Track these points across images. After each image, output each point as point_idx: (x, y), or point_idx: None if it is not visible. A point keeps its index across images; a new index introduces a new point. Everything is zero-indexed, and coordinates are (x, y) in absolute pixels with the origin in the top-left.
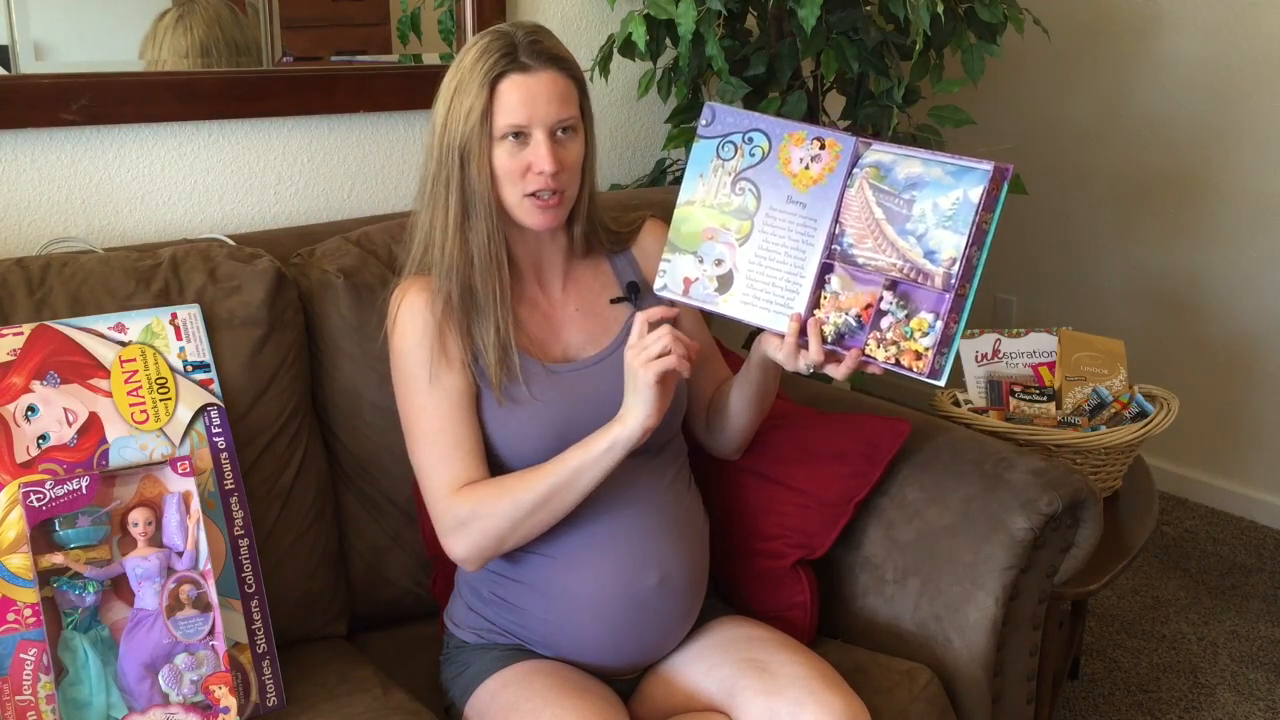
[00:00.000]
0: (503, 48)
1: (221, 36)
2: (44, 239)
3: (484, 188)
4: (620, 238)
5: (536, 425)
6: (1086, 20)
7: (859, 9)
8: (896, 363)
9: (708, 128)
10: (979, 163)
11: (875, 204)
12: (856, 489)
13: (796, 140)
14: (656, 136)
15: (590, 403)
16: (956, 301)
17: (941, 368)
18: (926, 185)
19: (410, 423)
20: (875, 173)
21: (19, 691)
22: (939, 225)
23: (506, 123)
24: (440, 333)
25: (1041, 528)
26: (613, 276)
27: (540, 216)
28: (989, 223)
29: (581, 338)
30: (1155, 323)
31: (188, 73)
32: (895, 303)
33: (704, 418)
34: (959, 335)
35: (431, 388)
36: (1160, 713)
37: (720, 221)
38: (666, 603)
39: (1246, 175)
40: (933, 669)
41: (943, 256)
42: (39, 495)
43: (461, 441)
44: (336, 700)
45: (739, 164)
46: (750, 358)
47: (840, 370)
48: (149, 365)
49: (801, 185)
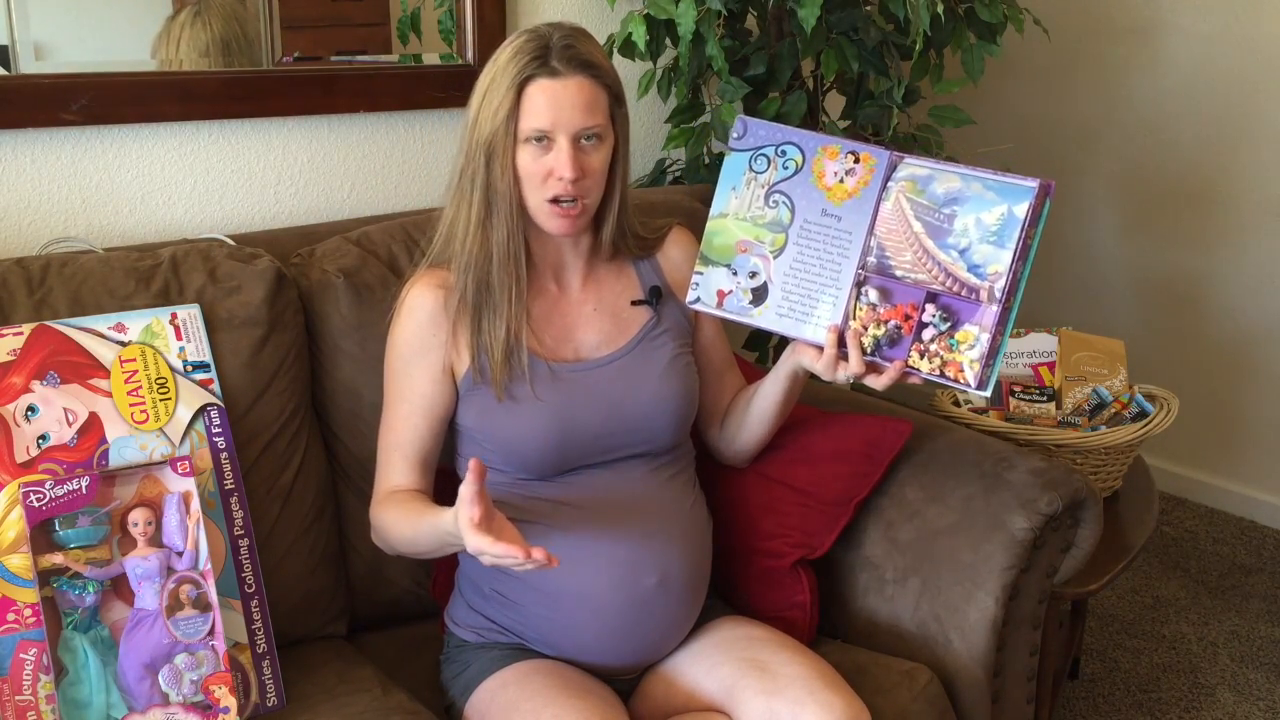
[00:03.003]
0: (536, 50)
1: (241, 32)
2: (44, 239)
3: (506, 187)
4: (647, 244)
5: (538, 424)
6: (1086, 20)
7: (859, 9)
8: (941, 374)
9: (739, 140)
10: (1023, 180)
11: (914, 217)
12: (857, 489)
13: (831, 154)
14: (656, 136)
15: (593, 402)
16: (1003, 315)
17: (988, 379)
18: (968, 200)
19: (383, 408)
20: (912, 186)
21: (19, 691)
22: (984, 240)
23: (530, 126)
24: (441, 329)
25: (1041, 528)
26: (635, 279)
27: (559, 224)
28: (1033, 238)
29: (596, 337)
30: (1155, 323)
31: (188, 73)
32: (937, 315)
33: (718, 425)
34: (1004, 347)
35: (400, 384)
36: (1160, 713)
37: (754, 234)
38: (666, 603)
39: (1246, 175)
40: (933, 669)
41: (988, 270)
42: (39, 495)
43: (402, 444)
44: (336, 700)
45: (772, 177)
46: (779, 368)
47: (881, 381)
48: (149, 365)
49: (836, 198)
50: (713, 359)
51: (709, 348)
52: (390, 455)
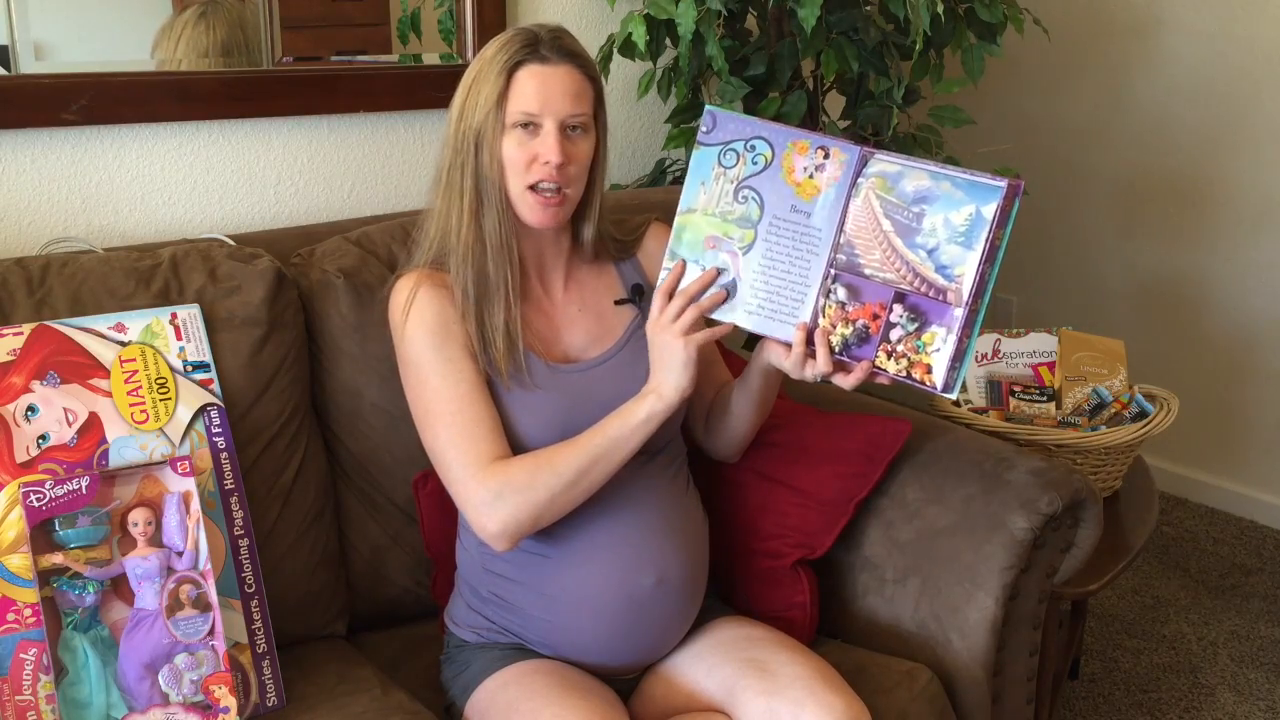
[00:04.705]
0: (525, 40)
1: (244, 39)
2: (44, 239)
3: (496, 176)
4: (625, 245)
5: (543, 413)
6: (1086, 20)
7: (859, 9)
8: (908, 375)
9: (708, 134)
10: (992, 180)
11: (883, 215)
12: (856, 489)
13: (800, 149)
14: (656, 136)
15: (593, 403)
16: (969, 317)
17: (954, 381)
18: (937, 200)
19: (425, 407)
20: (881, 183)
21: (19, 691)
22: (951, 240)
23: (519, 109)
24: (455, 320)
25: (1041, 528)
26: (617, 279)
27: (540, 213)
28: (1001, 239)
29: (584, 339)
30: (1155, 323)
31: (188, 73)
32: (905, 316)
33: (704, 421)
34: (971, 349)
35: (446, 369)
36: (1160, 713)
37: (723, 230)
38: (665, 603)
39: (1246, 175)
40: (933, 669)
41: (955, 272)
42: (39, 495)
43: (483, 419)
44: (336, 700)
45: (741, 172)
46: (752, 364)
47: (849, 381)
48: (149, 365)
49: (805, 194)
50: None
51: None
52: (473, 431)
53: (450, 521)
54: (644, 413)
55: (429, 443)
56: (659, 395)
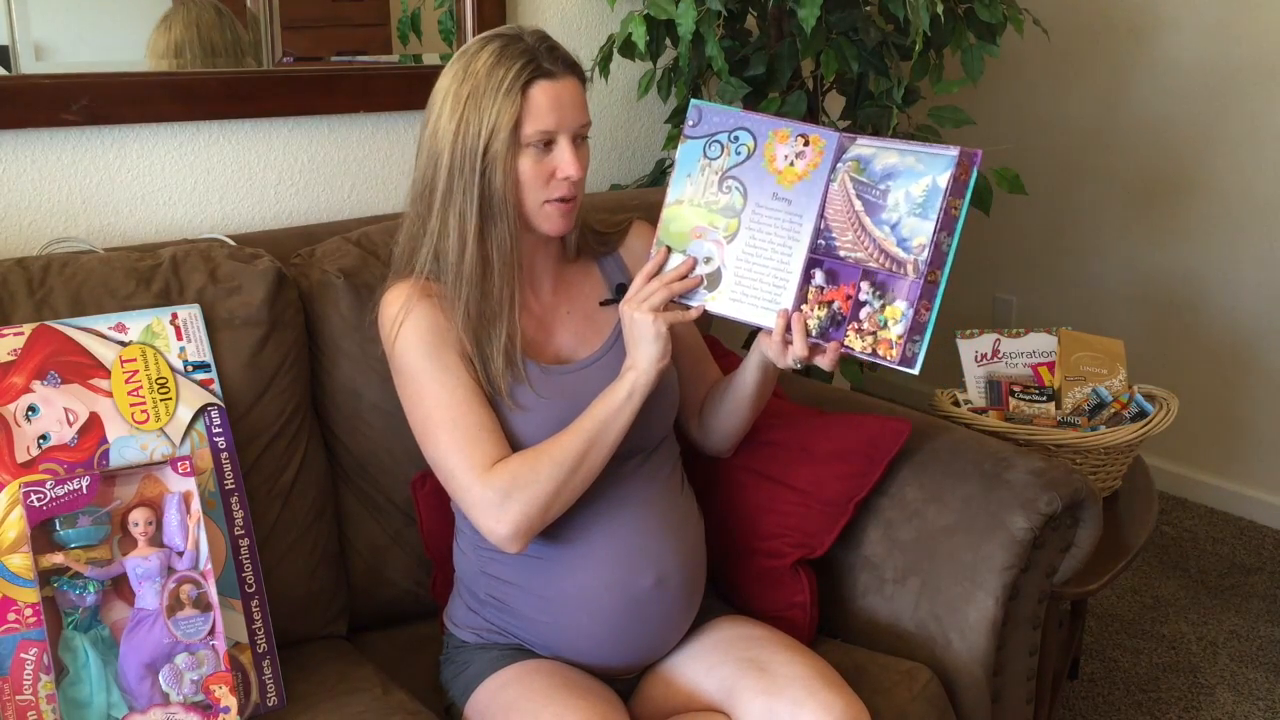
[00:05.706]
0: (522, 53)
1: (197, 38)
2: (44, 239)
3: (510, 193)
4: (607, 239)
5: (539, 415)
6: (1086, 20)
7: (859, 9)
8: (874, 352)
9: (694, 128)
10: (945, 149)
11: (855, 196)
12: (856, 489)
13: (781, 137)
14: (656, 136)
15: (587, 403)
16: (928, 288)
17: (914, 355)
18: (901, 175)
19: (425, 415)
20: (856, 166)
21: (19, 691)
22: (910, 213)
23: (537, 129)
24: (450, 332)
25: (1041, 528)
26: (601, 279)
27: (561, 222)
28: (958, 208)
29: (573, 340)
30: (1155, 323)
31: (188, 73)
32: (872, 293)
33: (697, 417)
34: (932, 323)
35: (444, 377)
36: (1160, 713)
37: (708, 220)
38: (663, 603)
39: (1246, 175)
40: (932, 669)
41: (914, 244)
42: (39, 495)
43: (484, 423)
44: (336, 700)
45: (725, 163)
46: (749, 359)
47: (825, 362)
48: (149, 365)
49: (786, 182)
50: (687, 350)
51: (681, 338)
52: (475, 435)
53: (449, 522)
54: (625, 389)
55: (430, 451)
56: (636, 369)
